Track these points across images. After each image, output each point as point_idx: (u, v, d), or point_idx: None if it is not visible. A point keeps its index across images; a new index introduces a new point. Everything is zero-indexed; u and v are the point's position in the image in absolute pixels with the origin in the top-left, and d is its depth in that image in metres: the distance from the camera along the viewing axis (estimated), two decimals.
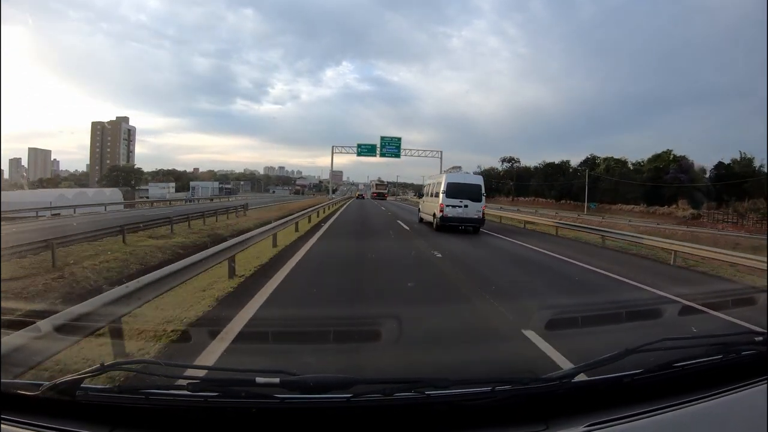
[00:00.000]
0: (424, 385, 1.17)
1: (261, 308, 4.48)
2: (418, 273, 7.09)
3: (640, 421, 1.13)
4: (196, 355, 3.07)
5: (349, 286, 5.89)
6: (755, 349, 1.41)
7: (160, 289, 3.93)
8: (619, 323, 3.95)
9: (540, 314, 4.00)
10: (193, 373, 1.60)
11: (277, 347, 3.24)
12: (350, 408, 1.14)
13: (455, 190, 14.15)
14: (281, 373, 1.17)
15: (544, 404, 1.19)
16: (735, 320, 4.62)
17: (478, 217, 14.19)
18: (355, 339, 3.34)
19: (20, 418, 1.10)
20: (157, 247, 10.87)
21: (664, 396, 1.21)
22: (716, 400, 1.20)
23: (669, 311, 4.80)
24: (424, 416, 1.16)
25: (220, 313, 4.30)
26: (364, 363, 2.91)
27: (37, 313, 2.94)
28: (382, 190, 64.53)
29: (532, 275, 7.56)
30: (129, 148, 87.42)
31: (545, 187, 57.24)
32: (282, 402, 1.13)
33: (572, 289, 6.37)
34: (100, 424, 1.10)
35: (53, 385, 1.12)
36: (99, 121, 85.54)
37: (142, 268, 8.08)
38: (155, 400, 1.13)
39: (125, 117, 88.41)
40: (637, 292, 6.31)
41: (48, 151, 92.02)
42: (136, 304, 3.46)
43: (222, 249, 5.85)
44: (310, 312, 4.53)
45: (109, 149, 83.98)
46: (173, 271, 4.25)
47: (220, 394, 1.13)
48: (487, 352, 3.43)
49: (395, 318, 3.49)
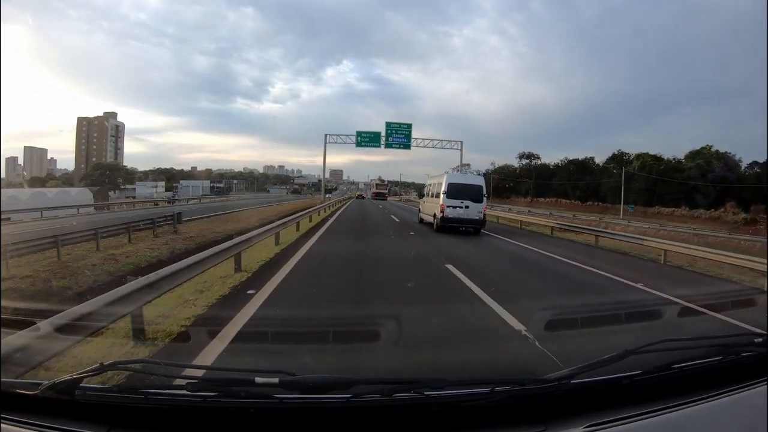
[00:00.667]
0: (423, 385, 1.17)
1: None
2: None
3: (640, 422, 1.13)
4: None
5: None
6: (755, 350, 1.41)
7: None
8: (619, 324, 3.96)
9: (540, 314, 4.00)
10: (192, 372, 1.60)
11: (277, 347, 3.24)
12: (349, 408, 1.14)
13: (456, 190, 14.09)
14: (280, 373, 1.17)
15: (543, 405, 1.19)
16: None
17: (479, 218, 14.17)
18: (355, 339, 3.34)
19: (20, 418, 1.10)
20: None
21: (663, 397, 1.21)
22: (716, 401, 1.20)
23: (669, 312, 4.80)
24: (423, 417, 1.16)
25: None
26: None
27: (36, 313, 2.94)
28: (382, 190, 63.81)
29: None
30: (117, 145, 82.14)
31: (568, 186, 51.96)
32: (281, 402, 1.13)
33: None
34: (99, 424, 1.10)
35: (52, 384, 1.12)
36: (85, 117, 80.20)
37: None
38: (154, 400, 1.13)
39: (113, 112, 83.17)
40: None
41: (44, 150, 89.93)
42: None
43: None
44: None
45: (95, 146, 79.23)
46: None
47: (220, 393, 1.13)
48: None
49: (394, 318, 3.50)
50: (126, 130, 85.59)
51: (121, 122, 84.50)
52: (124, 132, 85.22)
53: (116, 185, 63.62)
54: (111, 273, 7.16)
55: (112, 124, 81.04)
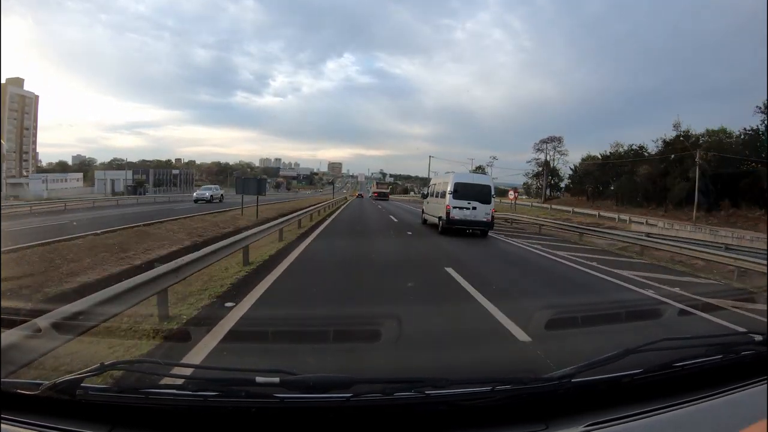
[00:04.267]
0: (424, 384, 1.17)
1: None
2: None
3: (640, 421, 1.13)
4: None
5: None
6: (755, 349, 1.41)
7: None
8: (620, 323, 3.96)
9: (540, 314, 4.00)
10: (193, 372, 1.60)
11: (277, 347, 3.24)
12: (350, 407, 1.15)
13: (463, 190, 13.47)
14: (281, 372, 1.17)
15: (543, 404, 1.20)
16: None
17: (486, 220, 13.58)
18: (355, 338, 3.34)
19: (20, 418, 1.10)
20: None
21: (663, 396, 1.22)
22: (716, 400, 1.21)
23: (669, 312, 4.81)
24: (424, 416, 1.16)
25: None
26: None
27: (34, 312, 2.94)
28: (384, 189, 58.46)
29: None
30: (23, 123, 57.91)
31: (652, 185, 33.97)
32: (282, 401, 1.13)
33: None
34: (100, 424, 1.10)
35: (53, 384, 1.12)
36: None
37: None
38: (155, 400, 1.13)
39: (17, 78, 57.89)
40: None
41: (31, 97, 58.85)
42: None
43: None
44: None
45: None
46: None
47: (220, 393, 1.14)
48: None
49: (395, 318, 3.50)
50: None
51: (32, 93, 59.94)
52: (37, 107, 60.37)
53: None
54: None
55: (12, 94, 55.94)
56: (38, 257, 7.31)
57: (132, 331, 3.51)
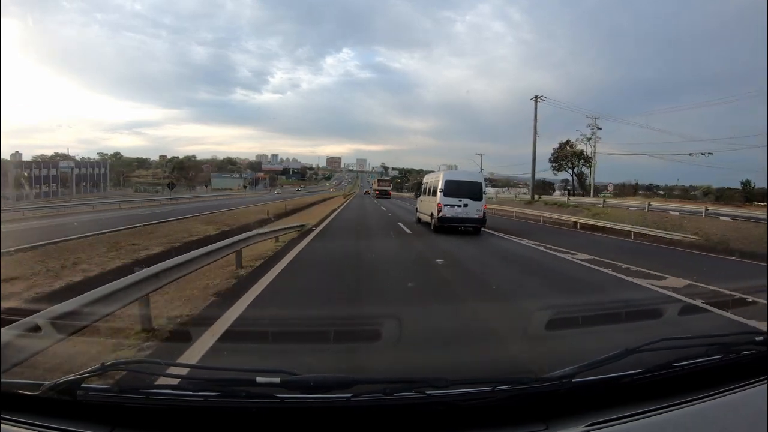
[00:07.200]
0: (424, 384, 1.17)
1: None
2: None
3: (640, 421, 1.13)
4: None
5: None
6: (755, 349, 1.41)
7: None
8: (619, 323, 3.96)
9: (540, 313, 4.00)
10: (193, 372, 1.60)
11: (277, 347, 3.24)
12: (350, 407, 1.15)
13: (454, 188, 13.57)
14: (281, 372, 1.17)
15: (544, 404, 1.20)
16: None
17: (478, 216, 13.67)
18: (355, 339, 3.34)
19: (20, 418, 1.10)
20: None
21: (663, 396, 1.22)
22: (716, 400, 1.20)
23: (669, 311, 4.80)
24: (424, 416, 1.16)
25: None
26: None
27: (33, 311, 2.94)
28: (386, 187, 54.49)
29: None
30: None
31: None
32: (282, 402, 1.13)
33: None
34: (100, 424, 1.11)
35: (53, 384, 1.12)
36: None
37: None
38: (156, 400, 1.13)
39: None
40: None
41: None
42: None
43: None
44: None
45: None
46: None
47: (221, 393, 1.14)
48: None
49: (395, 318, 3.49)
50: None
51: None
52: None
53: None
54: None
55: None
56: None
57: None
